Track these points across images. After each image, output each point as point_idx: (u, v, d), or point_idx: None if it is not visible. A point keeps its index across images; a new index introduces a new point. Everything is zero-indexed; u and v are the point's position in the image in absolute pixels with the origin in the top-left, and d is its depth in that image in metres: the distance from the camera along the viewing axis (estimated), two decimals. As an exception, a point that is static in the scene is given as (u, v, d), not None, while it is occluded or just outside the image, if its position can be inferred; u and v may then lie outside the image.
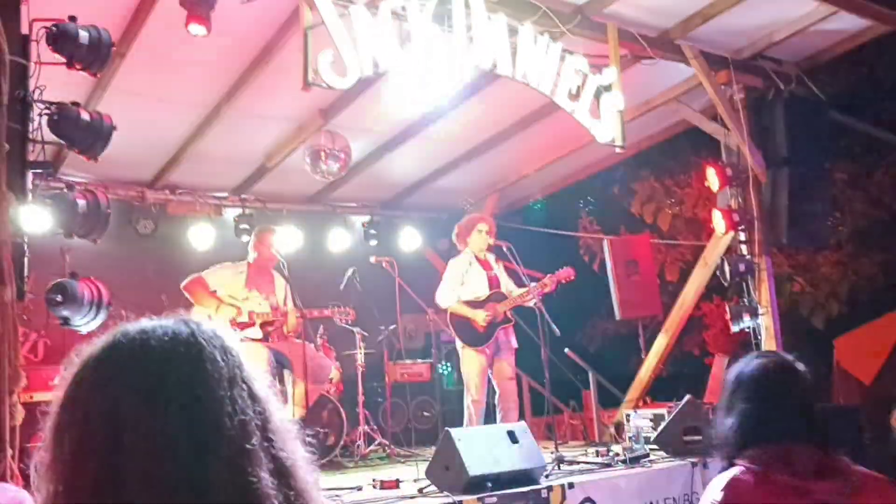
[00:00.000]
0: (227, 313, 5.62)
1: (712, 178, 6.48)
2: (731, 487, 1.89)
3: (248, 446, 0.87)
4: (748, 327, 6.43)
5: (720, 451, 2.04)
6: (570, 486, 4.29)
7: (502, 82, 5.95)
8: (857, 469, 1.93)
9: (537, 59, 5.20)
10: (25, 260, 3.72)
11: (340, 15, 4.43)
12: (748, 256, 6.46)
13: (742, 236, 6.55)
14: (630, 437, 5.86)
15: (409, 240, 9.08)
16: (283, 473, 0.89)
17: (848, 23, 6.15)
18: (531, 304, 5.81)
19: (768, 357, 2.09)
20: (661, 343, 7.30)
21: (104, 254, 6.41)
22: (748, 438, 1.96)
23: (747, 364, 2.08)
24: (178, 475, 0.83)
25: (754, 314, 6.37)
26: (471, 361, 5.84)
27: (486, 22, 4.93)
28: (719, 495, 1.89)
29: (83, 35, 3.83)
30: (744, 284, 6.48)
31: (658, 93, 6.93)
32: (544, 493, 4.18)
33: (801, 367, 2.06)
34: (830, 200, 7.05)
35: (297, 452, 0.94)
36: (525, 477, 4.27)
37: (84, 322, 4.04)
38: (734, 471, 1.93)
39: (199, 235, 7.84)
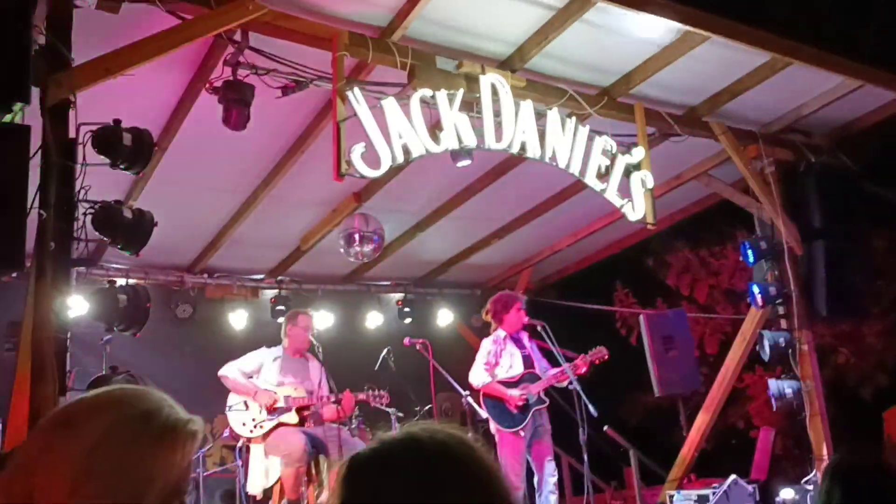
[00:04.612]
0: (263, 399, 5.65)
1: (747, 253, 6.42)
2: None
3: None
4: (793, 403, 6.26)
5: None
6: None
7: (532, 161, 6.04)
8: None
9: (566, 142, 5.25)
10: (68, 356, 3.81)
11: (372, 107, 4.57)
12: (787, 331, 6.32)
13: (780, 310, 6.42)
14: (674, 521, 5.67)
15: (444, 317, 9.08)
16: None
17: (876, 95, 6.14)
18: (566, 385, 5.73)
19: None
20: (702, 420, 7.10)
21: (143, 338, 6.46)
22: None
23: None
24: None
25: (796, 389, 6.20)
26: (507, 444, 5.74)
27: (514, 107, 5.02)
28: None
29: (126, 137, 4.00)
30: (785, 357, 6.33)
31: (688, 167, 6.93)
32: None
33: None
34: (870, 270, 6.91)
35: None
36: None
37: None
38: None
39: (237, 318, 7.96)
